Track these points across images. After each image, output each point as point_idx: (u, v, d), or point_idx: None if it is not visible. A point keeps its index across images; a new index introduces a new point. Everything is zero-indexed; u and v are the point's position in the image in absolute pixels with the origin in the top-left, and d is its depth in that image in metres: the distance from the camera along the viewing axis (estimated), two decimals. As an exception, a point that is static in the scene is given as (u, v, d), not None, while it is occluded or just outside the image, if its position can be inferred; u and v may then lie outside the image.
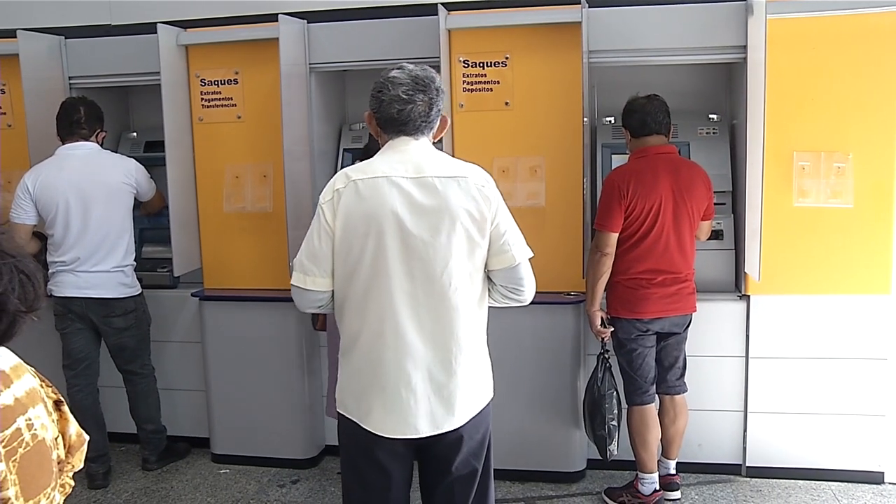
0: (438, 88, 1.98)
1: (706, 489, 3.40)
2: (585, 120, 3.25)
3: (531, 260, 2.03)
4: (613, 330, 3.17)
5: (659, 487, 3.22)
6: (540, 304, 3.05)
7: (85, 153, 3.47)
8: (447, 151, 3.30)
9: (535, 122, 3.39)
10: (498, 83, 3.39)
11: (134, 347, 3.60)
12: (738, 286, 3.45)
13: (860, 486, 3.35)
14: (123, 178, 3.49)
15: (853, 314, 3.30)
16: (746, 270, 3.28)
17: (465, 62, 3.39)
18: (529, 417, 3.46)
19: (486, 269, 2.00)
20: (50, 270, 3.44)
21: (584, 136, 3.25)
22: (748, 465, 3.46)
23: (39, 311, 1.11)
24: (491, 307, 2.09)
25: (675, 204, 3.05)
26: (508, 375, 3.31)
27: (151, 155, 3.83)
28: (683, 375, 3.24)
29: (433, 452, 2.03)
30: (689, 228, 3.10)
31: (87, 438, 1.26)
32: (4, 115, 3.87)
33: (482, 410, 2.04)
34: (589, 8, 3.21)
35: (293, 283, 2.01)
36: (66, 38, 3.80)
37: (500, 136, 3.42)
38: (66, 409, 1.21)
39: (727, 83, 3.70)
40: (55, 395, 1.21)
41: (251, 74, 3.63)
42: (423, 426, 1.95)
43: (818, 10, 3.14)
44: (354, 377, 2.01)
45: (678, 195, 3.05)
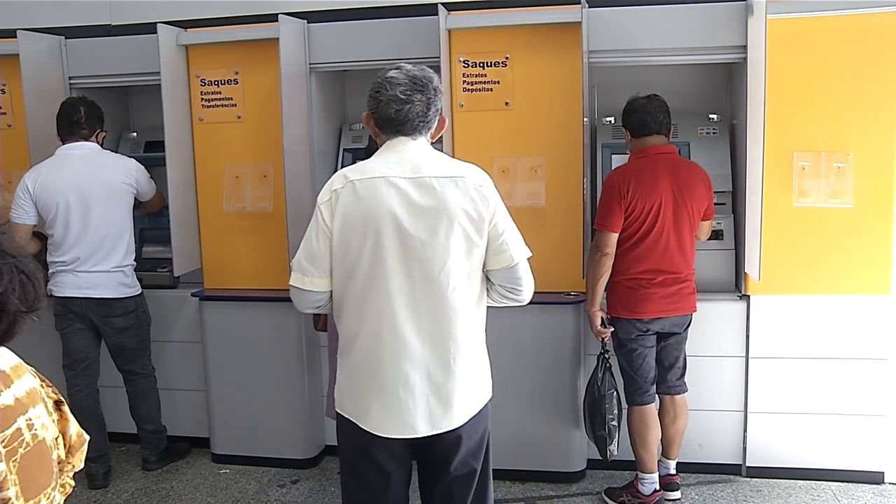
0: (436, 88, 1.97)
1: (706, 489, 3.40)
2: (585, 120, 3.25)
3: (531, 260, 2.02)
4: (613, 330, 3.17)
5: (659, 487, 3.22)
6: (540, 304, 3.05)
7: (85, 153, 3.47)
8: (447, 151, 3.30)
9: (535, 122, 3.38)
10: (498, 83, 3.39)
11: (134, 347, 3.60)
12: (738, 286, 3.45)
13: (860, 486, 3.35)
14: (123, 177, 3.49)
15: (853, 314, 3.30)
16: (746, 270, 3.28)
17: (465, 62, 3.39)
18: (529, 417, 3.46)
19: (484, 268, 2.00)
20: (50, 270, 3.44)
21: (584, 136, 3.25)
22: (748, 465, 3.46)
23: (40, 311, 1.11)
24: (490, 307, 2.08)
25: (675, 204, 3.05)
26: (508, 375, 3.31)
27: (151, 155, 3.83)
28: (683, 375, 3.24)
29: (432, 452, 2.03)
30: (689, 228, 3.10)
31: (87, 438, 1.26)
32: (4, 115, 3.87)
33: (481, 410, 2.04)
34: (589, 8, 3.21)
35: (292, 283, 2.01)
36: (66, 38, 3.80)
37: (500, 136, 3.42)
38: (66, 409, 1.21)
39: (727, 83, 3.70)
40: (55, 395, 1.21)
41: (251, 74, 3.63)
42: (421, 426, 1.95)
43: (818, 10, 3.14)
44: (352, 377, 2.01)
45: (678, 195, 3.05)
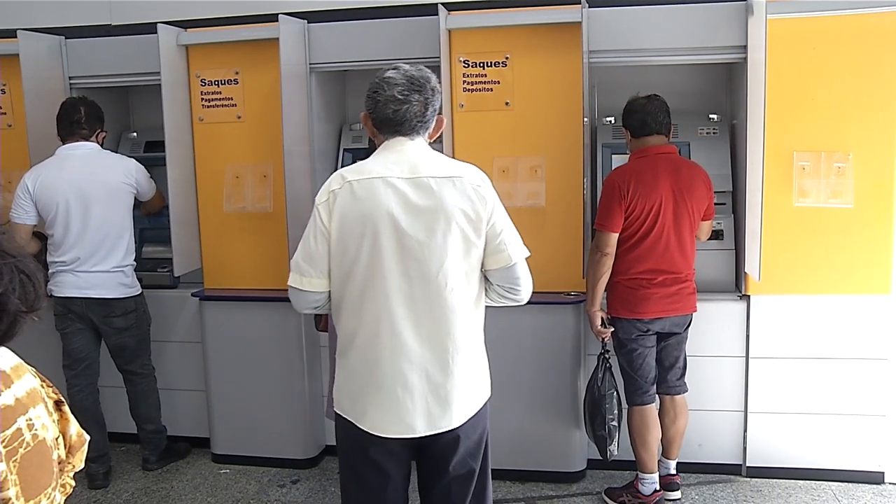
0: (434, 88, 1.97)
1: (706, 489, 3.40)
2: (585, 120, 3.25)
3: (531, 259, 2.02)
4: (614, 330, 3.17)
5: (659, 487, 3.22)
6: (540, 304, 3.05)
7: (85, 153, 3.47)
8: (447, 151, 3.30)
9: (535, 122, 3.38)
10: (498, 83, 3.39)
11: (134, 347, 3.60)
12: (738, 286, 3.45)
13: (860, 486, 3.35)
14: (123, 177, 3.49)
15: (853, 314, 3.30)
16: (746, 270, 3.28)
17: (465, 62, 3.39)
18: (529, 417, 3.46)
19: (482, 268, 2.00)
20: (50, 270, 3.44)
21: (584, 136, 3.25)
22: (748, 465, 3.46)
23: (40, 311, 1.11)
24: (489, 307, 2.08)
25: (675, 204, 3.05)
26: (508, 375, 3.32)
27: (151, 155, 3.83)
28: (684, 375, 3.24)
29: (430, 452, 2.03)
30: (689, 228, 3.10)
31: (87, 438, 1.26)
32: (4, 115, 3.87)
33: (479, 410, 2.04)
34: (589, 8, 3.21)
35: (290, 283, 2.01)
36: (66, 38, 3.80)
37: (500, 136, 3.42)
38: (66, 409, 1.21)
39: (727, 83, 3.70)
40: (56, 395, 1.21)
41: (251, 74, 3.63)
42: (419, 425, 1.96)
43: (818, 10, 3.14)
44: (351, 377, 2.02)
45: (678, 195, 3.05)
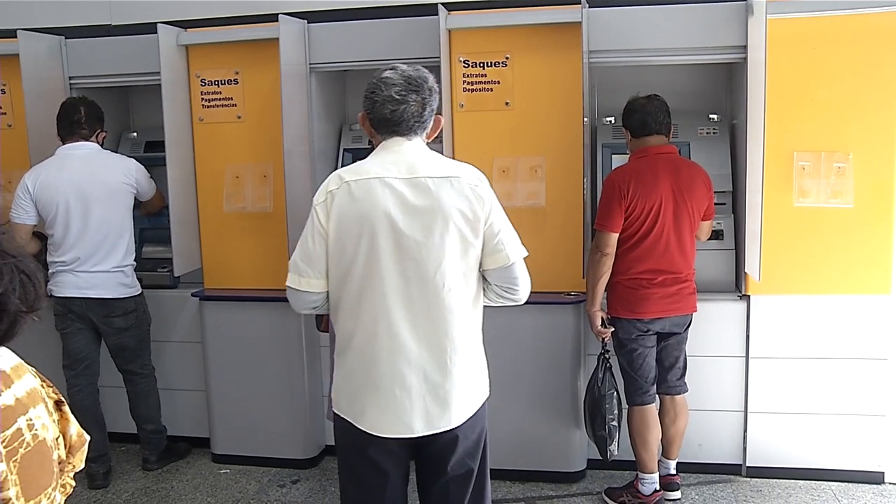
0: (431, 88, 1.98)
1: (706, 489, 3.40)
2: (586, 120, 3.25)
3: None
4: (614, 330, 3.17)
5: (659, 487, 3.22)
6: (540, 304, 3.06)
7: (85, 153, 3.47)
8: (447, 151, 3.30)
9: (535, 122, 3.38)
10: (498, 83, 3.39)
11: (134, 347, 3.60)
12: (738, 286, 3.45)
13: (860, 486, 3.35)
14: (123, 177, 3.49)
15: (853, 314, 3.30)
16: (746, 270, 3.28)
17: (465, 62, 3.39)
18: (529, 417, 3.46)
19: (480, 268, 2.00)
20: (50, 270, 3.43)
21: (584, 136, 3.25)
22: (748, 465, 3.46)
23: (40, 311, 1.11)
24: (489, 307, 2.08)
25: (675, 204, 3.05)
26: (508, 375, 3.32)
27: (151, 155, 3.83)
28: (684, 376, 3.24)
29: (428, 452, 2.03)
30: (689, 228, 3.10)
31: (87, 438, 1.26)
32: (4, 115, 3.87)
33: (478, 411, 2.04)
34: (589, 8, 3.21)
35: (288, 284, 2.01)
36: (66, 38, 3.80)
37: (500, 136, 3.42)
38: (66, 409, 1.21)
39: (727, 83, 3.70)
40: (56, 395, 1.21)
41: (251, 74, 3.62)
42: (417, 425, 1.96)
43: (818, 10, 3.14)
44: (349, 377, 2.02)
45: (678, 195, 3.05)
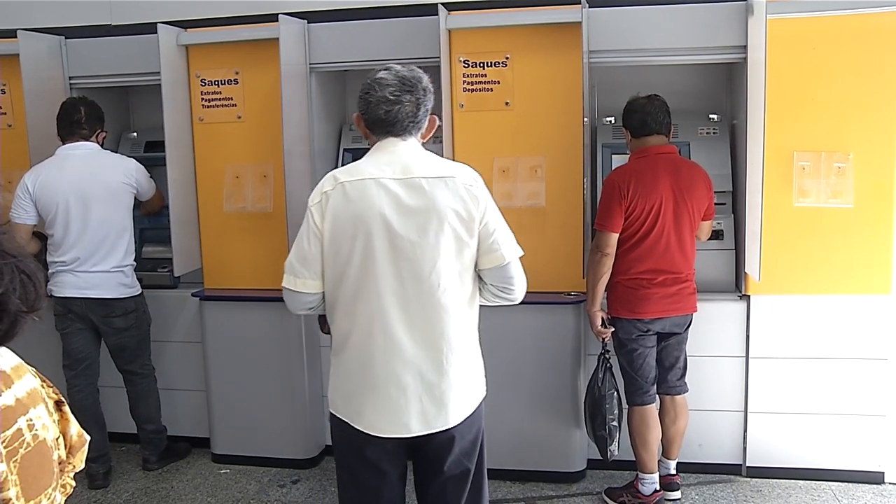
0: (426, 88, 1.98)
1: (706, 489, 3.40)
2: (586, 120, 3.25)
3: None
4: (614, 330, 3.17)
5: (659, 487, 3.22)
6: (540, 304, 3.06)
7: (85, 153, 3.47)
8: (447, 151, 3.31)
9: (535, 122, 3.38)
10: (498, 83, 3.39)
11: (134, 347, 3.60)
12: (738, 286, 3.45)
13: (860, 486, 3.35)
14: (123, 177, 3.49)
15: (853, 314, 3.30)
16: (747, 270, 3.28)
17: (465, 62, 3.39)
18: (529, 417, 3.46)
19: (476, 268, 2.00)
20: (50, 270, 3.43)
21: (584, 136, 3.25)
22: (748, 465, 3.46)
23: (40, 311, 1.11)
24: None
25: (675, 204, 3.05)
26: (508, 375, 3.32)
27: (152, 155, 3.83)
28: (684, 376, 3.24)
29: (425, 452, 2.04)
30: (689, 228, 3.10)
31: (88, 439, 1.26)
32: (4, 115, 3.87)
33: (475, 410, 2.04)
34: (589, 8, 3.21)
35: (284, 285, 2.02)
36: (66, 38, 3.80)
37: (500, 136, 3.42)
38: (66, 409, 1.21)
39: (727, 83, 3.70)
40: (56, 395, 1.21)
41: (251, 74, 3.62)
42: (414, 425, 1.96)
43: (818, 10, 3.14)
44: (345, 378, 2.02)
45: (679, 195, 3.05)
